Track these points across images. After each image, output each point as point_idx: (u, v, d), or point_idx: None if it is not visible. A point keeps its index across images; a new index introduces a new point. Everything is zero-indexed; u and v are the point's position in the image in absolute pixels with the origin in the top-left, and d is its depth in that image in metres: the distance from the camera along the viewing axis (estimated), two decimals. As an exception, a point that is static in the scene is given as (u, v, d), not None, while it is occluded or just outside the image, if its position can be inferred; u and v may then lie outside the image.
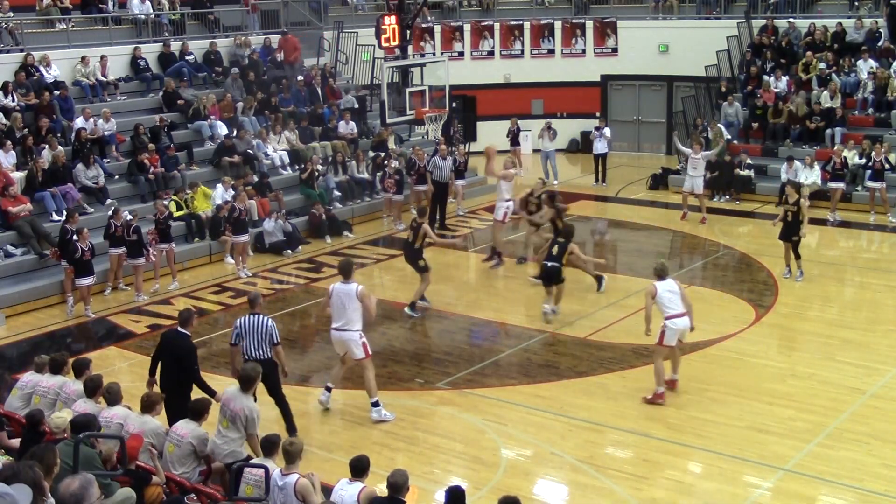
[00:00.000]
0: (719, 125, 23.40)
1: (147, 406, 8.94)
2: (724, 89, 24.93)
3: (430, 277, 15.31)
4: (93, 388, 9.18)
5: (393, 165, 21.33)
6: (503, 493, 9.38)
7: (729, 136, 23.50)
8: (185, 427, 8.80)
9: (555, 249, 14.71)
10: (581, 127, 28.55)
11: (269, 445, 8.36)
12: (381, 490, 8.02)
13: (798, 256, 16.33)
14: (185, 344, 10.16)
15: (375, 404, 11.31)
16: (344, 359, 11.59)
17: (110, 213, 16.54)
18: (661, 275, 11.97)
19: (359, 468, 8.14)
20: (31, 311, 15.67)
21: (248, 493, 7.90)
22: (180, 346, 10.06)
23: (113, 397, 9.04)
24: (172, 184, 19.28)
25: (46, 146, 18.11)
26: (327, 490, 8.09)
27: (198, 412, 8.95)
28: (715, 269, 17.63)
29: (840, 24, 24.89)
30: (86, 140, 18.69)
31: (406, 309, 15.16)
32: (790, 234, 16.17)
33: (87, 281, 15.44)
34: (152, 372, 10.24)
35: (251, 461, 8.68)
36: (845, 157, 21.16)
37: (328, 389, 11.76)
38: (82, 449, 7.16)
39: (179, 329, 10.32)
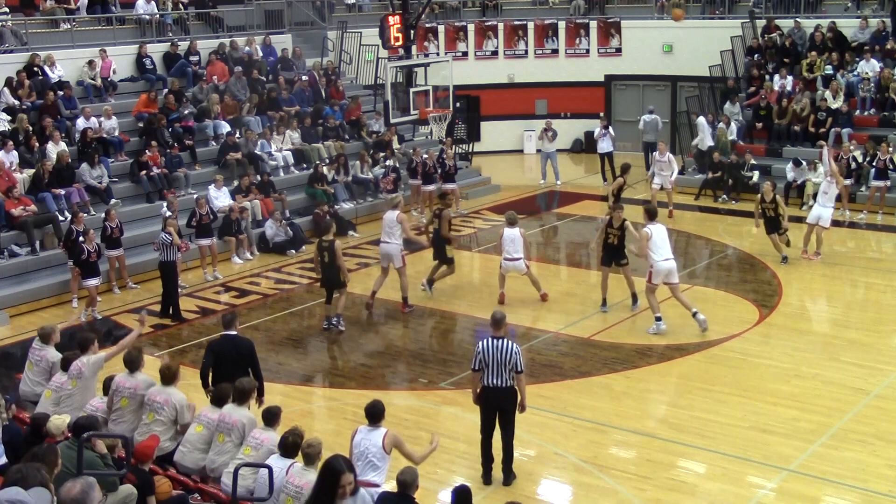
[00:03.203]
0: (733, 122, 23.47)
1: (168, 378, 9.05)
2: (731, 85, 24.91)
3: (454, 269, 16.19)
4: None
5: (389, 164, 21.43)
6: (507, 493, 9.45)
7: (734, 137, 23.51)
8: (263, 433, 8.50)
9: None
10: (585, 127, 28.53)
11: (270, 417, 8.49)
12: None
13: (787, 244, 17.34)
14: (243, 344, 10.08)
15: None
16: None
17: (104, 214, 16.57)
18: (511, 223, 15.27)
19: (375, 414, 8.33)
20: (35, 310, 15.69)
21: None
22: (240, 347, 9.97)
23: (134, 364, 9.15)
24: (176, 183, 19.31)
25: (49, 142, 18.12)
26: None
27: (272, 417, 8.70)
28: (719, 270, 17.61)
29: (842, 23, 24.86)
30: (91, 140, 18.71)
31: (422, 283, 15.97)
32: (775, 227, 17.12)
33: (93, 282, 15.46)
34: (206, 384, 10.01)
35: (251, 463, 8.68)
36: (853, 156, 21.11)
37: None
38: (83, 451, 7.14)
39: (228, 332, 10.23)
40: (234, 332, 10.24)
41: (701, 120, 24.16)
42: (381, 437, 8.29)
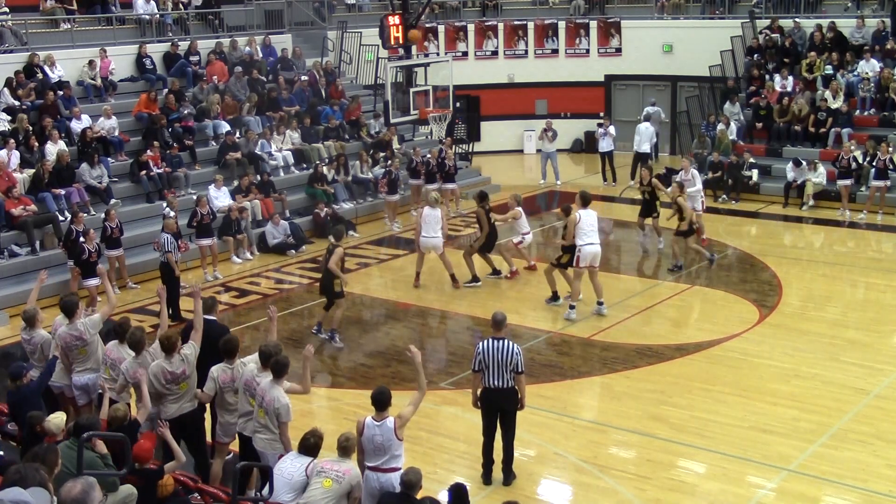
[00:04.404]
0: (732, 122, 23.50)
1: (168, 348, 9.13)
2: (731, 85, 24.93)
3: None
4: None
5: (388, 165, 21.45)
6: (507, 493, 9.44)
7: (734, 137, 23.54)
8: (269, 392, 8.55)
9: None
10: (585, 127, 28.53)
11: (279, 369, 8.57)
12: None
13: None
14: (216, 329, 10.15)
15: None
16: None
17: (104, 214, 16.58)
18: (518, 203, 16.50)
19: (382, 401, 8.33)
20: (35, 310, 15.67)
21: (327, 486, 7.72)
22: (211, 331, 10.00)
23: (136, 345, 9.29)
24: (176, 183, 19.32)
25: (49, 142, 18.11)
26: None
27: (281, 368, 8.70)
28: (719, 270, 17.57)
29: (842, 23, 24.88)
30: (91, 140, 18.70)
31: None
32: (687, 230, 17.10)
33: (93, 282, 15.45)
34: None
35: (252, 462, 8.68)
36: (854, 156, 21.13)
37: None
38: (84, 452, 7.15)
39: (206, 317, 10.28)
40: (212, 318, 10.39)
41: (641, 126, 24.66)
42: (393, 429, 8.25)
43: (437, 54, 27.63)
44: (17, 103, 18.85)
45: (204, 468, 9.31)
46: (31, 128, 18.40)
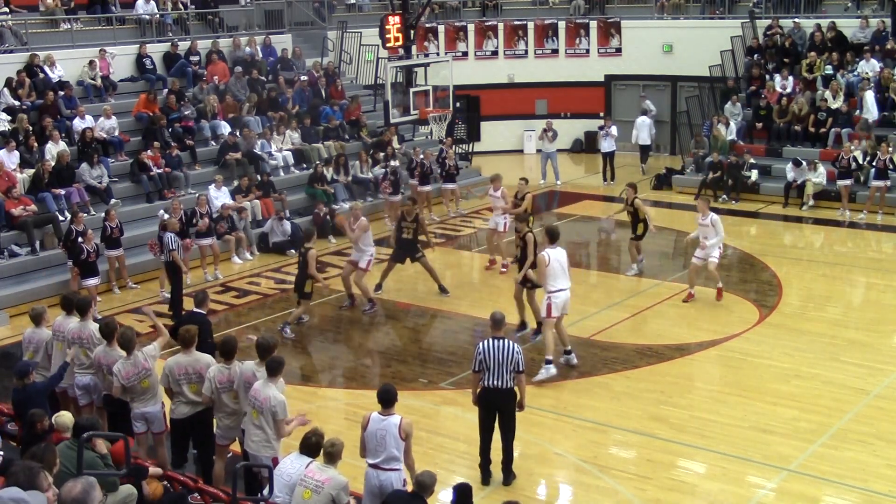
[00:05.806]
0: (732, 122, 23.51)
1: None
2: (731, 85, 24.95)
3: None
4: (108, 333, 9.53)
5: (391, 165, 21.41)
6: (507, 493, 9.44)
7: (734, 137, 23.54)
8: (263, 391, 8.52)
9: None
10: (585, 127, 28.53)
11: (274, 367, 8.56)
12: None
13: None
14: (200, 320, 10.37)
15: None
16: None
17: (104, 214, 16.57)
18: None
19: (388, 399, 8.32)
20: (35, 310, 15.67)
21: (306, 497, 7.65)
22: (196, 323, 10.07)
23: (127, 344, 9.21)
24: (176, 183, 19.32)
25: (49, 142, 18.11)
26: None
27: (276, 367, 8.67)
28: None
29: (842, 23, 24.88)
30: (91, 140, 18.70)
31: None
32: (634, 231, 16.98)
33: (92, 282, 15.48)
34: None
35: (251, 462, 8.68)
36: (854, 156, 21.12)
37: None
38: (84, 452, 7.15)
39: (194, 310, 10.70)
40: (199, 311, 10.66)
41: (638, 120, 25.55)
42: (398, 426, 8.25)
43: (437, 54, 27.63)
44: (17, 103, 18.84)
45: (209, 469, 9.32)
46: (31, 128, 18.39)
